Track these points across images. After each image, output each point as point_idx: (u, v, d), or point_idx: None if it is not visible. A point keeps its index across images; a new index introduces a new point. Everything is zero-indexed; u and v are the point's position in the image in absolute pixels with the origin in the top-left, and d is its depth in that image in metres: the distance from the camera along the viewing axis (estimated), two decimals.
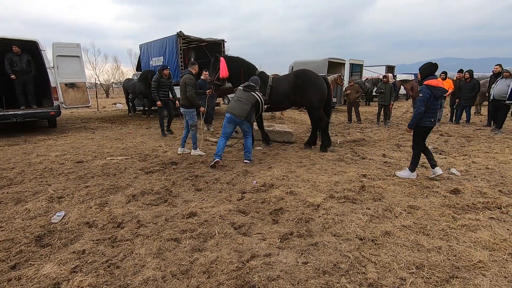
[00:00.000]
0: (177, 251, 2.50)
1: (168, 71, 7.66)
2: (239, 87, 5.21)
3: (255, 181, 4.18)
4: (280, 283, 2.09)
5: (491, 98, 7.98)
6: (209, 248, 2.54)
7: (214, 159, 4.90)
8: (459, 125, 9.35)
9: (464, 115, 9.74)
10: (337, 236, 2.72)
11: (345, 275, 2.17)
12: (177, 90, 6.71)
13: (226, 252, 2.46)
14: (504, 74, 7.69)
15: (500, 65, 8.54)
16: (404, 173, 4.37)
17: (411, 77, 21.51)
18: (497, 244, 2.53)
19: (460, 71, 10.32)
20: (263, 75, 6.03)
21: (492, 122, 8.59)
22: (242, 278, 2.15)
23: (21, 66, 8.12)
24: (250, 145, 5.26)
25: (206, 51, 11.63)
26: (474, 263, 2.27)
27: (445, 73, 9.88)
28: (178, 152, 5.82)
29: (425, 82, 4.05)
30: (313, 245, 2.57)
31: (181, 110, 5.71)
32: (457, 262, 2.30)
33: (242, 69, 6.08)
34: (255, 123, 6.42)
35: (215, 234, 2.77)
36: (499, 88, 7.66)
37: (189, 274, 2.20)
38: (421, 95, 4.02)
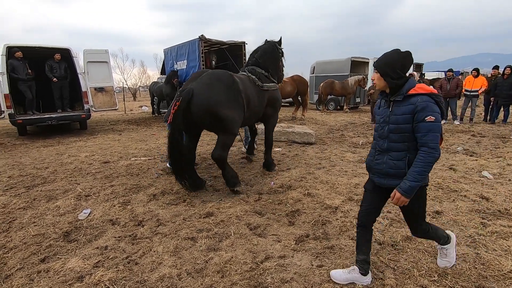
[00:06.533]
0: (193, 250, 2.56)
1: None
2: None
3: (272, 182, 4.17)
4: (293, 285, 2.06)
5: None
6: (224, 248, 2.57)
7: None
8: (495, 125, 8.75)
9: (501, 114, 9.11)
10: (355, 239, 2.64)
11: None
12: None
13: (240, 253, 2.48)
14: None
15: None
16: None
17: (442, 75, 20.45)
18: None
19: (496, 67, 9.67)
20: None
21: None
22: (255, 279, 2.15)
23: (60, 72, 8.74)
24: None
25: (227, 53, 11.78)
26: (504, 273, 2.11)
27: (477, 70, 9.29)
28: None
29: None
30: (329, 248, 2.52)
31: None
32: (484, 271, 2.16)
33: None
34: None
35: (231, 234, 2.79)
36: None
37: (203, 273, 2.24)
38: None
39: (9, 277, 2.26)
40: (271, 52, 4.58)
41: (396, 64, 1.86)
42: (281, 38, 4.79)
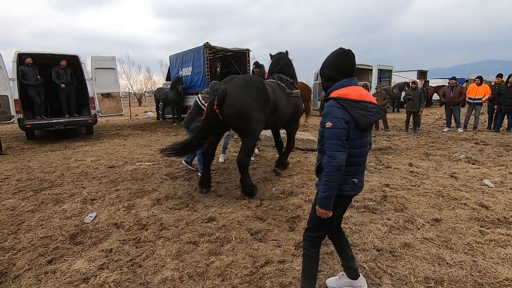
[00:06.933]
0: (195, 253, 2.62)
1: None
2: None
3: (274, 188, 4.23)
4: None
5: None
6: (225, 252, 2.63)
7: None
8: (499, 133, 8.73)
9: (505, 122, 9.10)
10: (354, 246, 2.69)
11: None
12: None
13: (241, 257, 2.54)
14: None
15: None
16: None
17: (447, 82, 20.42)
18: None
19: (499, 75, 9.69)
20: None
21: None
22: (254, 283, 2.21)
23: (67, 78, 8.97)
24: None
25: (232, 60, 11.96)
26: (500, 281, 2.15)
27: (480, 78, 9.33)
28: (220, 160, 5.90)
29: None
30: (328, 254, 2.57)
31: None
32: (480, 278, 2.19)
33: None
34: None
35: (232, 239, 2.85)
36: None
37: (204, 276, 2.30)
38: None
39: (18, 277, 2.35)
40: (289, 61, 4.94)
41: (329, 64, 1.74)
42: (287, 51, 5.05)
